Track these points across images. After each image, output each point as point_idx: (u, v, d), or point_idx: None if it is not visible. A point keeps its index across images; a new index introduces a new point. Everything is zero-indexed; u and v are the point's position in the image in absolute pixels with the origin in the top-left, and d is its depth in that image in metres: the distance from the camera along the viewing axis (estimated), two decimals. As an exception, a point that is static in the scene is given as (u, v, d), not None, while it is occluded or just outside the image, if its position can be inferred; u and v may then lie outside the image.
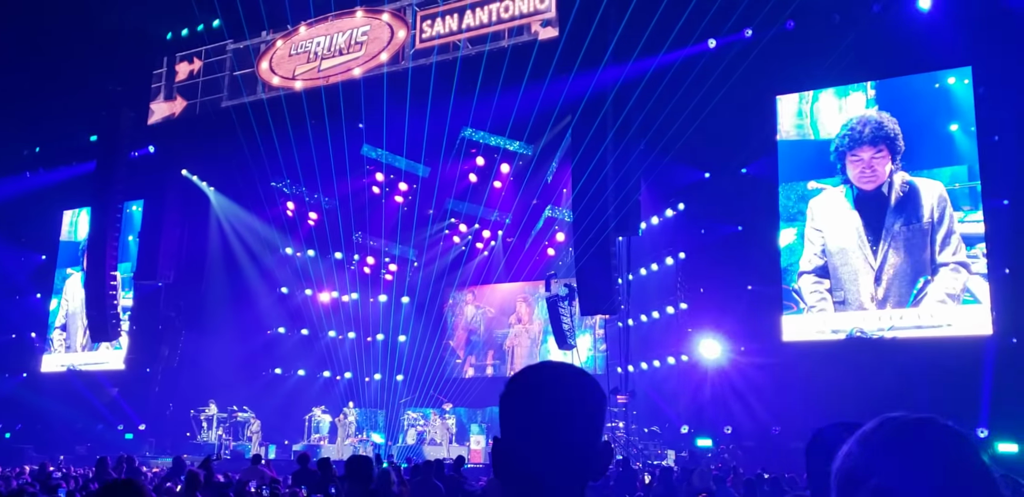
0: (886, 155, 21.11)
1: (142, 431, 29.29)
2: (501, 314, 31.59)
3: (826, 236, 21.61)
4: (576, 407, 1.92)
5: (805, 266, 21.74)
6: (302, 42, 26.18)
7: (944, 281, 19.87)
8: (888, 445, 1.55)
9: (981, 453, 1.54)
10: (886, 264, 20.61)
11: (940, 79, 21.02)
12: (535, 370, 2.01)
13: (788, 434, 20.85)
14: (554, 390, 1.93)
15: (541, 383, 1.96)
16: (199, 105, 28.08)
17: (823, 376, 20.26)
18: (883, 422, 1.60)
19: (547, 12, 22.45)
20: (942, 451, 1.53)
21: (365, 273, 32.10)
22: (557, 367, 2.01)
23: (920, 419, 1.59)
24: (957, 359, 18.53)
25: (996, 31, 19.28)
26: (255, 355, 30.54)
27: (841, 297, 21.12)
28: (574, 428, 1.90)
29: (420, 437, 27.20)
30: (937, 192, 20.38)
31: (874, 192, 21.12)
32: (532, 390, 1.95)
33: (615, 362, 25.14)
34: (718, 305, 23.14)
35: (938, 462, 1.51)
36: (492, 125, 25.17)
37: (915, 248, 20.36)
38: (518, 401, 1.96)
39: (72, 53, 28.53)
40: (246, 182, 28.66)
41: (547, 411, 1.91)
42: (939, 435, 1.55)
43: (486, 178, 27.07)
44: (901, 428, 1.57)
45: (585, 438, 1.91)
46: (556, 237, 28.67)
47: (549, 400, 1.92)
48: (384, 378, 31.34)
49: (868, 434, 1.60)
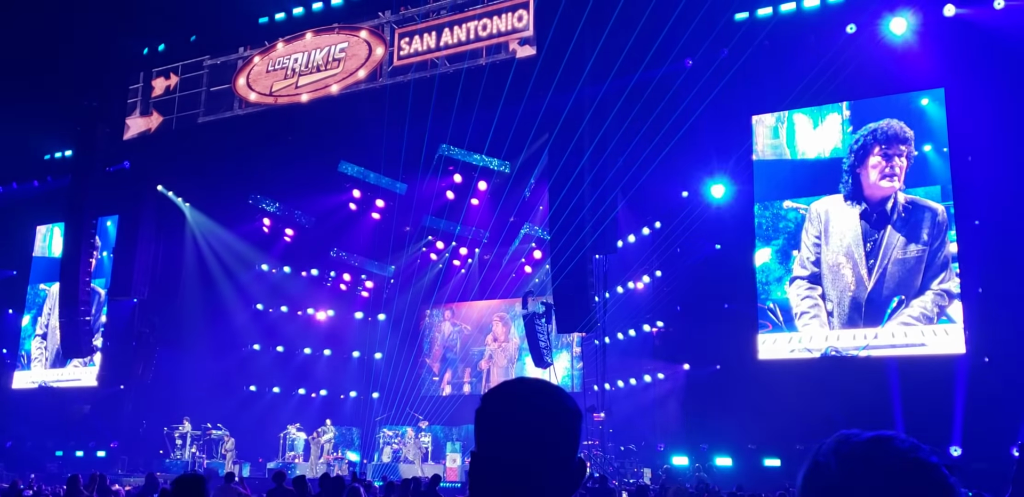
0: (906, 155, 21.03)
1: (115, 449, 28.97)
2: (478, 331, 31.54)
3: (823, 245, 21.58)
4: (549, 423, 1.90)
5: (799, 272, 21.71)
6: (280, 58, 26.16)
7: (923, 303, 19.95)
8: (869, 461, 1.56)
9: (947, 475, 1.55)
10: (882, 284, 20.62)
11: (913, 100, 21.23)
12: (510, 386, 2.00)
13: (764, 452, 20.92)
14: (527, 406, 1.91)
15: (515, 399, 1.95)
16: (175, 120, 27.97)
17: (799, 394, 20.31)
18: (871, 441, 1.61)
19: (525, 31, 22.55)
20: (909, 470, 1.54)
21: (341, 290, 32.00)
22: (532, 383, 2.00)
23: (888, 437, 1.60)
24: (931, 378, 18.65)
25: (968, 53, 19.54)
26: (230, 372, 30.33)
27: (830, 308, 21.15)
28: (546, 444, 1.88)
29: (396, 455, 27.05)
30: (938, 215, 20.39)
31: (878, 207, 21.09)
32: (506, 406, 1.94)
33: (591, 380, 25.13)
34: (694, 323, 23.21)
35: (905, 480, 1.53)
36: (470, 142, 25.21)
37: (909, 271, 20.39)
38: (492, 417, 1.94)
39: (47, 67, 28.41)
40: (222, 198, 28.56)
41: (520, 427, 1.89)
42: (904, 455, 1.56)
43: (464, 195, 27.09)
44: (873, 446, 1.58)
45: (557, 454, 1.89)
46: (533, 255, 28.70)
47: (522, 416, 1.90)
48: (360, 395, 31.18)
49: (846, 450, 1.60)
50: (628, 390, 25.53)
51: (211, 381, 29.72)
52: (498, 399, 1.96)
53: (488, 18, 23.11)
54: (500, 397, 1.97)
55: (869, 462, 1.55)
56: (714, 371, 22.63)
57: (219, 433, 27.93)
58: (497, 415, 1.94)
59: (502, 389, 2.00)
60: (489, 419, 1.95)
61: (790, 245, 22.09)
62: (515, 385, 2.00)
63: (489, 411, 1.95)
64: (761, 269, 22.25)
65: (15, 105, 29.31)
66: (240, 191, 28.52)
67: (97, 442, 29.45)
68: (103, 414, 30.23)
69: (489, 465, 1.91)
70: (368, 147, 25.47)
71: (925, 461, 1.55)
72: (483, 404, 1.97)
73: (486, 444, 1.93)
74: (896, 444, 1.58)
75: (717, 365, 22.71)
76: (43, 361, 33.14)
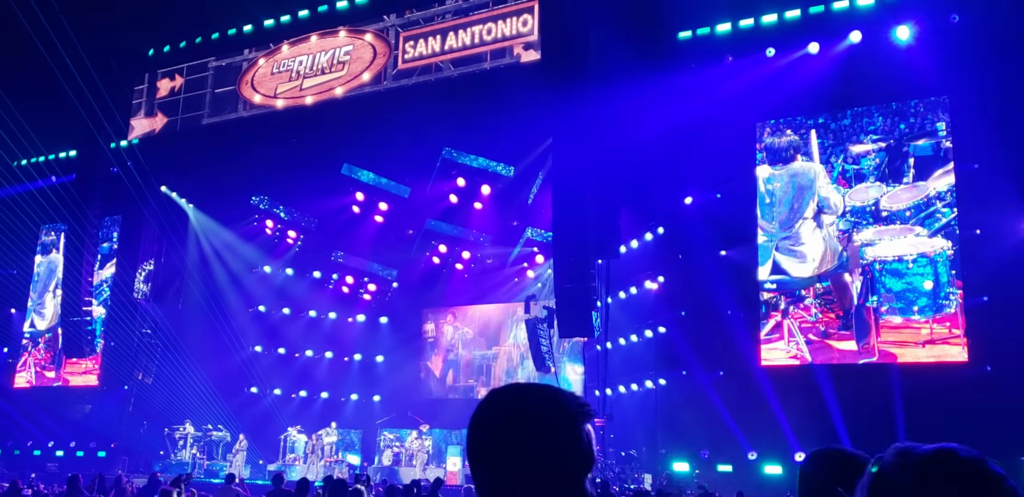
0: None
1: (115, 449, 28.97)
2: (479, 335, 31.53)
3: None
4: (533, 428, 1.85)
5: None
6: (284, 61, 26.20)
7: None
8: (941, 474, 1.58)
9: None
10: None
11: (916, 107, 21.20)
12: (501, 392, 1.95)
13: (765, 459, 20.89)
14: (512, 410, 1.88)
15: (502, 405, 1.91)
16: (180, 121, 28.01)
17: (800, 401, 20.29)
18: (937, 454, 1.63)
19: (529, 35, 22.57)
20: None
21: (343, 292, 32.00)
22: (522, 389, 1.95)
23: (953, 449, 1.63)
24: (932, 386, 18.60)
25: (972, 61, 19.50)
26: (231, 373, 30.32)
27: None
28: (529, 448, 1.83)
29: (396, 458, 27.03)
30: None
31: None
32: (493, 411, 1.90)
33: (593, 385, 25.10)
34: (697, 329, 23.16)
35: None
36: (473, 146, 25.22)
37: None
38: (480, 422, 1.91)
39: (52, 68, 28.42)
40: (226, 199, 28.57)
41: (503, 431, 1.85)
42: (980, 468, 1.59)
43: (467, 199, 27.09)
44: (942, 458, 1.61)
45: (543, 457, 1.84)
46: (536, 259, 28.68)
47: (506, 420, 1.87)
48: (361, 398, 31.17)
49: (923, 467, 1.62)
50: (630, 395, 25.50)
51: (212, 382, 29.69)
52: (487, 404, 1.92)
53: (493, 22, 23.13)
54: (489, 402, 1.92)
55: (941, 474, 1.57)
56: (716, 377, 22.59)
57: (220, 434, 27.95)
58: (485, 420, 1.90)
59: (492, 395, 1.94)
60: (477, 424, 1.91)
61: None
62: (505, 392, 1.95)
63: (478, 416, 1.91)
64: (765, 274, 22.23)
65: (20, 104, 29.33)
66: (244, 193, 28.54)
67: (98, 442, 29.46)
68: (104, 414, 30.24)
69: (485, 470, 1.87)
70: (372, 150, 25.49)
71: (994, 472, 1.58)
72: (477, 409, 1.92)
73: (479, 450, 1.90)
74: (963, 455, 1.60)
75: (720, 371, 22.67)
76: (44, 361, 33.16)
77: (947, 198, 20.31)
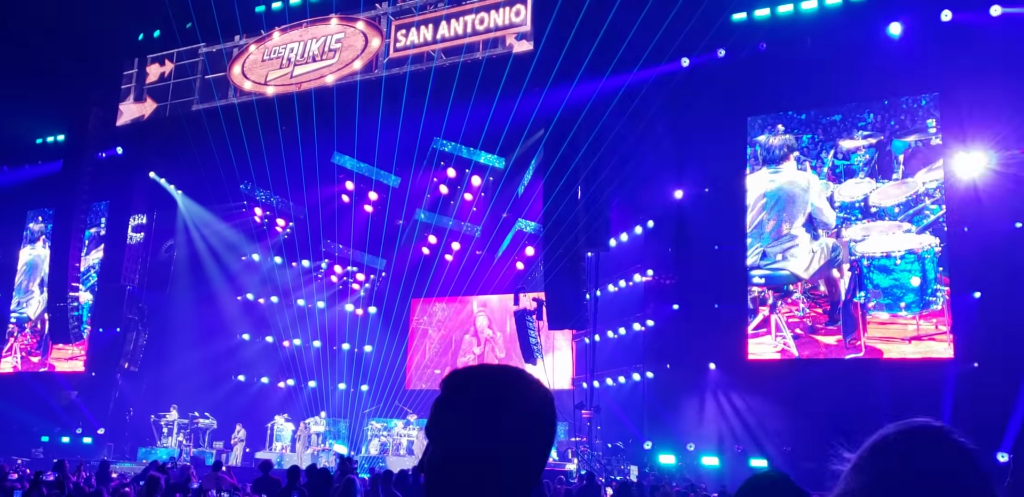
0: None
1: (101, 435, 28.91)
2: (468, 326, 31.51)
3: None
4: (504, 411, 1.76)
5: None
6: (275, 48, 26.08)
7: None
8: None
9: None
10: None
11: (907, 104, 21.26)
12: (464, 372, 1.85)
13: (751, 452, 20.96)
14: (482, 394, 1.78)
15: (468, 386, 1.82)
16: (169, 107, 27.89)
17: (786, 396, 20.37)
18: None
19: (522, 25, 22.52)
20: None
21: (332, 282, 31.93)
22: (489, 370, 1.86)
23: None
24: (919, 382, 18.70)
25: (963, 58, 19.53)
26: (218, 361, 30.24)
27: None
28: (501, 430, 1.74)
29: (383, 447, 27.04)
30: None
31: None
32: (458, 393, 1.81)
33: (581, 377, 25.13)
34: (685, 323, 23.20)
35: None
36: (464, 137, 25.16)
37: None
38: (446, 404, 1.81)
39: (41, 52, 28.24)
40: (215, 186, 28.47)
41: (475, 414, 1.76)
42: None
43: (457, 190, 27.04)
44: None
45: (513, 442, 1.75)
46: (526, 251, 28.64)
47: (474, 403, 1.77)
48: (349, 388, 31.15)
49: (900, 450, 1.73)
50: (618, 388, 25.54)
51: (199, 370, 29.63)
52: (451, 385, 1.82)
53: (486, 12, 23.07)
54: (453, 383, 1.82)
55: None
56: (704, 370, 22.66)
57: (206, 422, 27.91)
58: (450, 402, 1.80)
59: (456, 375, 1.84)
60: (442, 406, 1.81)
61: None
62: (469, 372, 1.85)
63: (444, 398, 1.82)
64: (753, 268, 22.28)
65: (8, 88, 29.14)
66: (233, 180, 28.41)
67: (84, 428, 29.39)
68: (90, 400, 30.16)
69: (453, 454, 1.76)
70: (362, 139, 25.39)
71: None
72: (440, 389, 1.83)
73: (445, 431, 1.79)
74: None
75: (709, 364, 22.73)
76: (30, 346, 33.05)
77: (936, 195, 20.39)
